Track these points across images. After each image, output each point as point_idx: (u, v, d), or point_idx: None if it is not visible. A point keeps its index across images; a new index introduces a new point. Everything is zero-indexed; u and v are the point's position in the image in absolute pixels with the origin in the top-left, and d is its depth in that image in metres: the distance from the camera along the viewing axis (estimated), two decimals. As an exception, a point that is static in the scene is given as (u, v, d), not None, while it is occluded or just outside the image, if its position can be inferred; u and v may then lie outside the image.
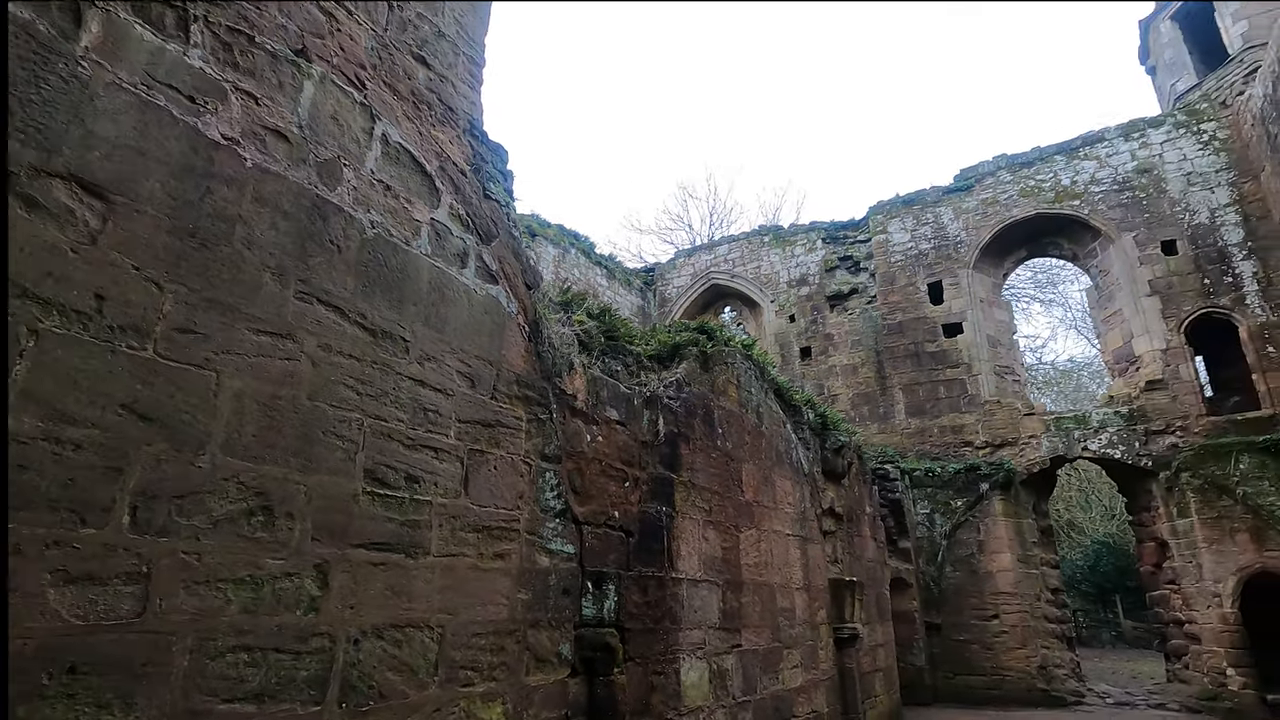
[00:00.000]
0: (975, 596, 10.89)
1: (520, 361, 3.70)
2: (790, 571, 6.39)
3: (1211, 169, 11.45)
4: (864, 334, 13.55)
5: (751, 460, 6.10)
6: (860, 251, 14.13)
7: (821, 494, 7.40)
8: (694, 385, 5.49)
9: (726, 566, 5.33)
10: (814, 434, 7.56)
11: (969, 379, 12.38)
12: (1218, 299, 10.95)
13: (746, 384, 6.31)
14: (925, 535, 11.28)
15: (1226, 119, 11.56)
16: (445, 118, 3.54)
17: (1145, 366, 11.37)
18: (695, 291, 15.72)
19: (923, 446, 12.29)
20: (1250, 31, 11.42)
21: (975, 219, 13.12)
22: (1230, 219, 11.13)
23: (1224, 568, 9.87)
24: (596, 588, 3.96)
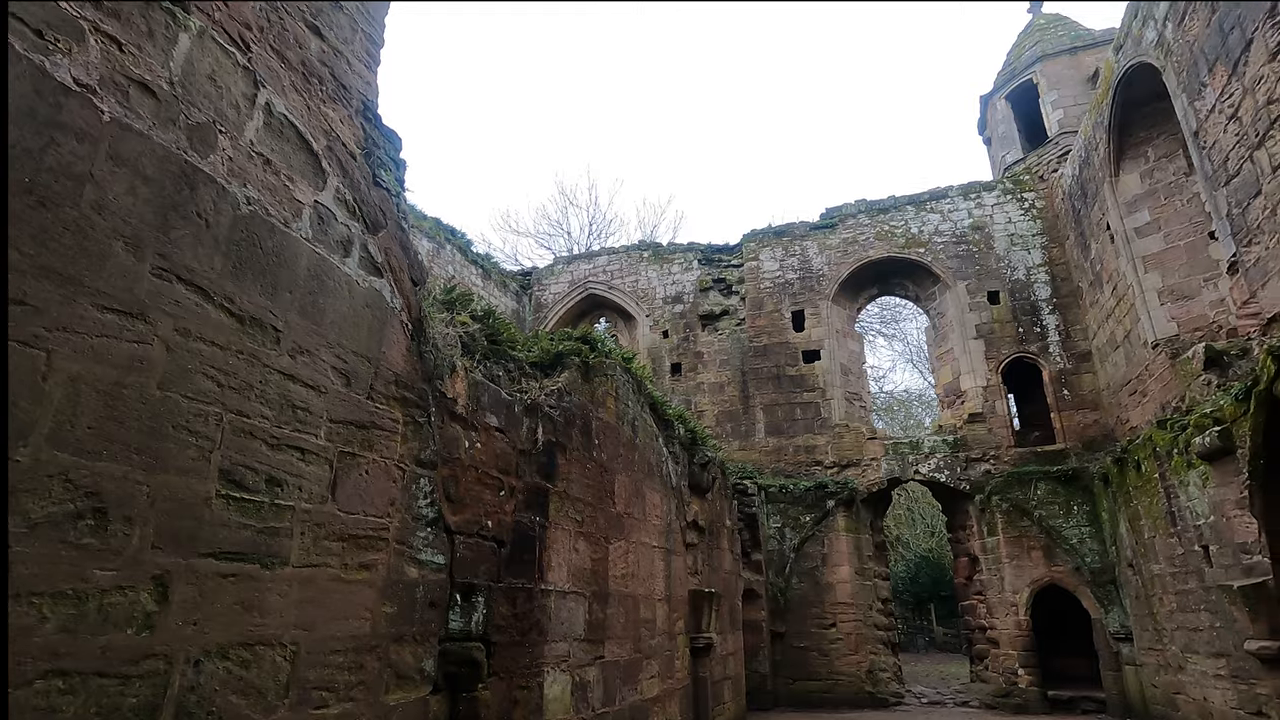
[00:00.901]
0: (817, 606, 11.67)
1: (401, 361, 3.51)
2: (654, 583, 6.51)
3: (1030, 233, 13.17)
4: (732, 354, 14.18)
5: (625, 472, 6.16)
6: (733, 275, 14.80)
7: (687, 507, 7.62)
8: (575, 395, 5.47)
9: (595, 578, 5.34)
10: (683, 449, 7.79)
11: (823, 403, 13.31)
12: (1028, 346, 12.58)
13: (624, 397, 6.39)
14: (776, 548, 11.94)
15: (1043, 191, 13.37)
16: (337, 95, 3.31)
17: (969, 401, 12.80)
18: (572, 299, 15.71)
19: (779, 464, 13.04)
20: (1065, 119, 13.30)
21: (837, 255, 14.19)
22: (1041, 277, 12.85)
23: (1021, 580, 11.28)
24: (465, 600, 3.82)
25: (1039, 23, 15.06)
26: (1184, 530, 8.14)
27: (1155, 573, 9.11)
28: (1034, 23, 15.22)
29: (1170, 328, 9.58)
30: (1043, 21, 15.01)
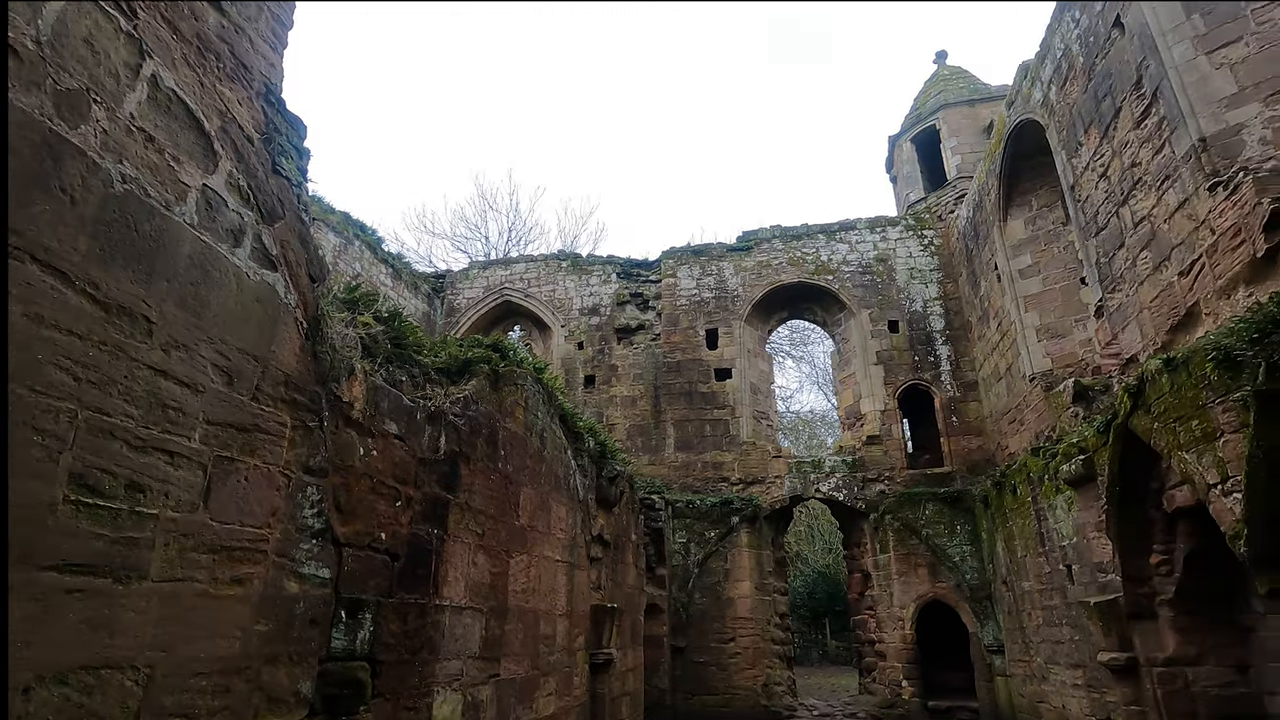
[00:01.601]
0: (718, 621, 11.84)
1: (293, 361, 3.30)
2: (556, 598, 6.41)
3: (928, 268, 14.03)
4: (645, 369, 14.29)
5: (531, 484, 6.05)
6: (650, 291, 14.95)
7: (593, 521, 7.56)
8: (482, 404, 5.33)
9: (494, 593, 5.19)
10: (592, 461, 7.73)
11: (732, 420, 13.61)
12: (922, 374, 13.35)
13: (534, 407, 6.28)
14: (681, 563, 12.05)
15: (941, 230, 14.30)
16: (237, 74, 3.10)
17: (868, 423, 13.43)
18: (487, 305, 15.41)
19: (687, 479, 13.20)
20: (962, 164, 14.31)
21: (751, 277, 14.61)
22: (937, 310, 13.70)
23: (908, 595, 11.88)
24: (351, 616, 3.61)
25: (943, 74, 16.17)
26: (1051, 550, 8.82)
27: (1026, 589, 9.82)
28: (939, 73, 16.33)
29: (1045, 363, 10.41)
30: (946, 73, 16.13)
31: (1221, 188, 5.80)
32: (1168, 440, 5.97)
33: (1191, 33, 6.35)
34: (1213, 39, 6.22)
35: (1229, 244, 5.76)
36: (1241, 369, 4.77)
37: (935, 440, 13.26)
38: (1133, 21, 6.91)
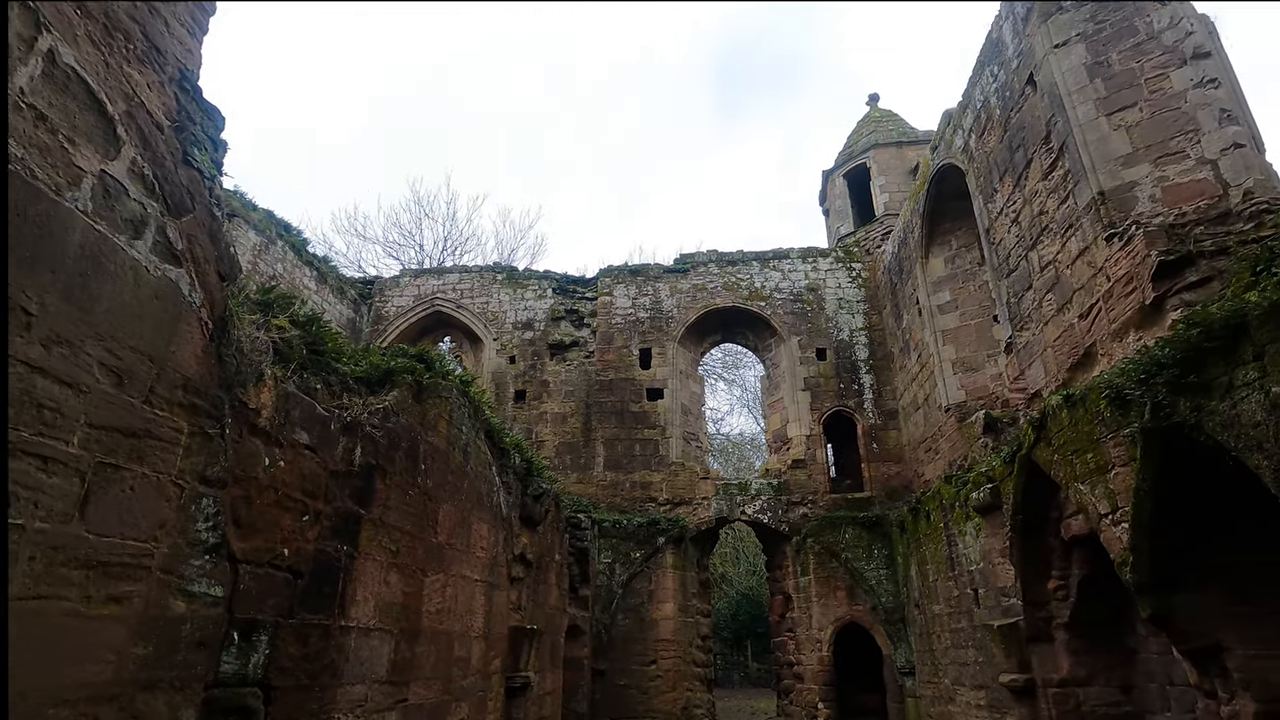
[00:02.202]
0: (640, 643, 11.75)
1: (194, 363, 3.09)
2: (472, 619, 6.21)
3: (855, 299, 14.56)
4: (578, 386, 14.20)
5: (451, 501, 5.87)
6: (586, 308, 14.92)
7: (516, 539, 7.40)
8: (403, 416, 5.15)
9: (405, 613, 4.98)
10: (518, 479, 7.59)
11: (662, 441, 13.66)
12: (846, 401, 13.78)
13: (459, 421, 6.12)
14: (605, 584, 11.92)
15: (869, 263, 14.89)
16: (147, 57, 2.92)
17: (794, 448, 13.73)
18: (417, 314, 15.01)
19: (614, 499, 13.13)
20: (890, 202, 14.98)
21: (686, 300, 14.80)
22: (862, 340, 14.21)
23: (826, 618, 12.12)
24: (245, 638, 3.38)
25: (875, 115, 16.95)
26: (960, 575, 9.19)
27: (936, 612, 10.18)
28: (870, 114, 17.11)
29: (960, 395, 10.93)
30: (878, 115, 16.92)
31: (1117, 239, 6.26)
32: (1066, 472, 6.34)
33: (1094, 95, 6.87)
34: (1112, 102, 6.75)
35: (1123, 291, 6.22)
36: (1131, 407, 5.12)
37: (857, 466, 13.67)
38: (1044, 80, 7.44)
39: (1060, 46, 7.24)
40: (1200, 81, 6.29)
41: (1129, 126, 6.56)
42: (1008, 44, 8.29)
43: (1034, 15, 7.58)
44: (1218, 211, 5.80)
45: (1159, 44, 6.64)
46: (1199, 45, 6.45)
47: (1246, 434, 4.14)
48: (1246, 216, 5.64)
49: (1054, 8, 7.41)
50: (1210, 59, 6.39)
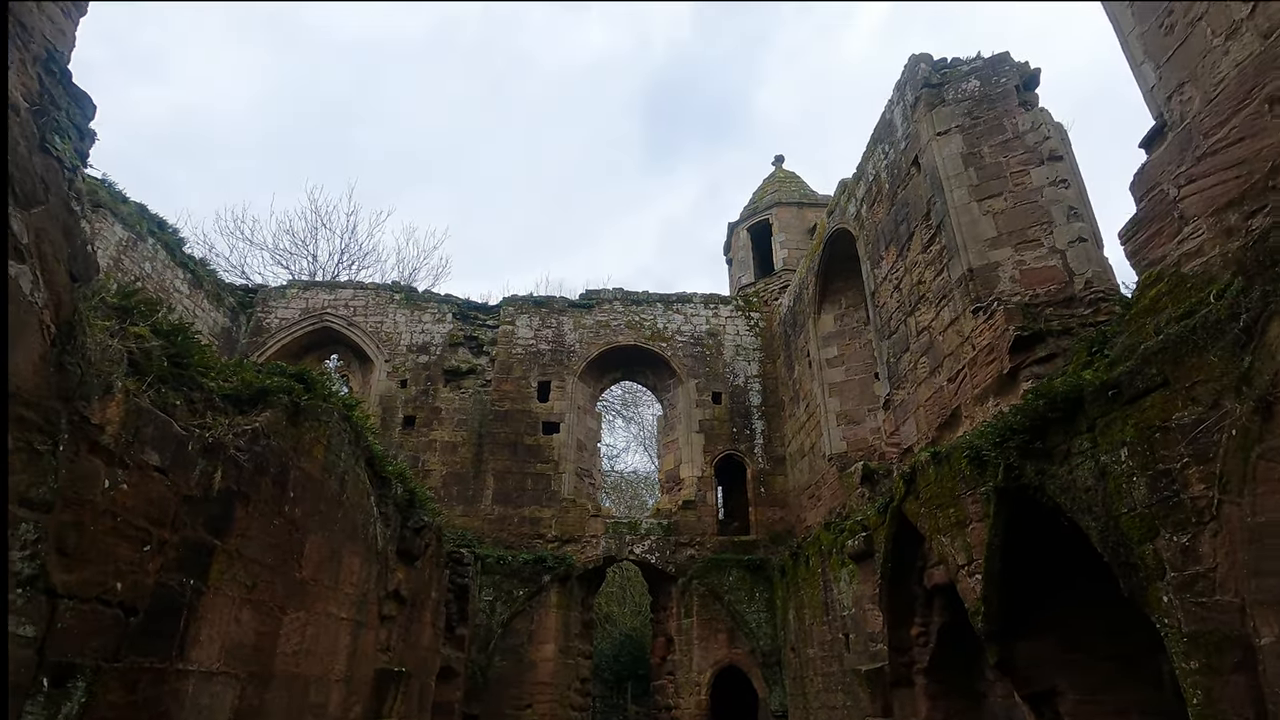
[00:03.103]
0: (516, 687, 11.33)
1: (30, 372, 2.76)
2: (334, 661, 5.78)
3: (752, 347, 15.13)
4: (471, 415, 13.81)
5: (322, 532, 5.50)
6: (487, 335, 14.63)
7: (391, 575, 7.00)
8: (275, 439, 4.81)
9: (257, 655, 4.57)
10: (399, 510, 7.22)
11: (555, 476, 13.47)
12: (738, 445, 14.17)
13: (337, 447, 5.78)
14: (484, 622, 11.47)
15: (766, 314, 15.55)
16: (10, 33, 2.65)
17: (685, 489, 13.91)
18: (303, 329, 14.15)
19: (501, 534, 12.75)
20: (789, 258, 15.79)
21: (590, 335, 14.84)
22: (756, 387, 14.73)
23: (706, 660, 12.19)
24: (57, 685, 2.98)
25: (779, 175, 17.94)
26: (834, 619, 9.54)
27: (810, 656, 10.49)
28: (775, 174, 18.09)
29: (842, 445, 11.50)
30: (782, 175, 17.91)
31: (982, 312, 6.89)
32: (930, 524, 6.77)
33: (968, 182, 7.61)
34: (983, 190, 7.50)
35: (985, 359, 6.82)
36: (987, 467, 5.57)
37: (745, 509, 14.02)
38: (927, 163, 8.16)
39: (942, 135, 7.98)
40: (1054, 181, 7.11)
41: (995, 213, 7.29)
42: (898, 126, 9.05)
43: (921, 104, 8.34)
44: (1065, 296, 6.51)
45: (1022, 143, 7.47)
46: (1054, 149, 7.31)
47: (1080, 498, 4.59)
48: (1087, 302, 6.37)
49: (937, 99, 8.18)
50: (1063, 161, 7.25)
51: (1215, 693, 3.58)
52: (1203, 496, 3.73)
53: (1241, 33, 4.17)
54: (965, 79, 8.11)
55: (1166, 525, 3.93)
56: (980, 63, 8.18)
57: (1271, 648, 3.35)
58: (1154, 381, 4.07)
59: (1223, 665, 3.57)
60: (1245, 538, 3.48)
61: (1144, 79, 4.92)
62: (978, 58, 8.25)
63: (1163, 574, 3.95)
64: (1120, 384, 4.31)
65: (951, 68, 8.34)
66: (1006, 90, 7.85)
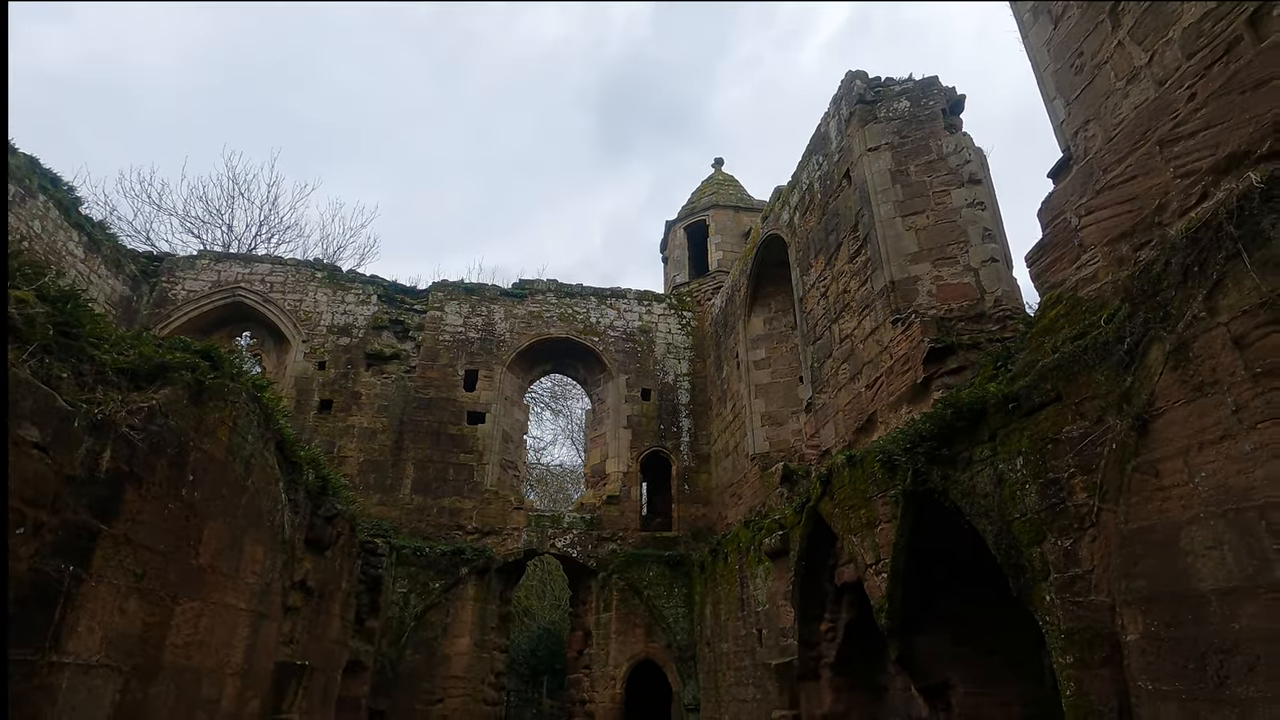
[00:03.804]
0: (428, 680, 11.09)
1: (-119, 331, 2.49)
2: (231, 653, 5.50)
3: (683, 345, 15.29)
4: (393, 401, 13.39)
5: (223, 518, 5.21)
6: (413, 320, 14.21)
7: (298, 565, 6.72)
8: (174, 418, 4.53)
9: (144, 646, 4.29)
10: (309, 497, 6.93)
11: (478, 467, 13.23)
12: (665, 442, 14.31)
13: (244, 429, 5.49)
14: (397, 615, 11.16)
15: (699, 313, 15.75)
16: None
17: (611, 483, 13.94)
18: (214, 303, 13.32)
19: (419, 524, 12.43)
20: (723, 259, 16.04)
21: (520, 325, 14.64)
22: (685, 385, 14.90)
23: (623, 654, 12.27)
24: (-96, 679, 2.71)
25: (718, 178, 18.19)
26: (749, 615, 9.78)
27: (724, 651, 10.72)
28: (714, 176, 18.33)
29: (765, 445, 11.79)
30: (720, 178, 18.17)
31: (900, 323, 7.19)
32: (843, 524, 7.04)
33: (894, 198, 7.93)
34: (907, 206, 7.83)
35: (901, 368, 7.13)
36: (897, 471, 5.83)
37: (668, 506, 14.17)
38: (857, 177, 8.45)
39: (873, 150, 8.28)
40: (972, 202, 7.50)
41: (918, 229, 7.62)
42: (832, 139, 9.34)
43: (855, 120, 8.63)
44: (976, 312, 6.88)
45: (945, 165, 7.84)
46: (974, 173, 7.70)
47: (979, 502, 4.87)
48: (996, 319, 6.75)
49: (870, 116, 8.48)
50: (981, 185, 7.66)
51: (1086, 685, 3.88)
52: (1085, 504, 4.02)
53: (1140, 78, 4.50)
54: (897, 99, 8.44)
55: (1053, 530, 4.22)
56: (911, 84, 8.53)
57: (1135, 644, 3.65)
58: (1048, 396, 4.36)
59: (1093, 660, 3.87)
60: (1119, 542, 3.78)
61: (1055, 114, 5.25)
62: (909, 79, 8.60)
63: (1047, 575, 4.24)
64: (1019, 397, 4.59)
65: (885, 86, 8.65)
66: (934, 113, 8.22)
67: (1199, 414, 3.39)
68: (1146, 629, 3.59)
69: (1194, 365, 3.43)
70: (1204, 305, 3.40)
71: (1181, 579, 3.41)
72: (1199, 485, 3.36)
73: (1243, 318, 3.21)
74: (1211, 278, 3.39)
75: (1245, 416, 3.16)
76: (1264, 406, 3.09)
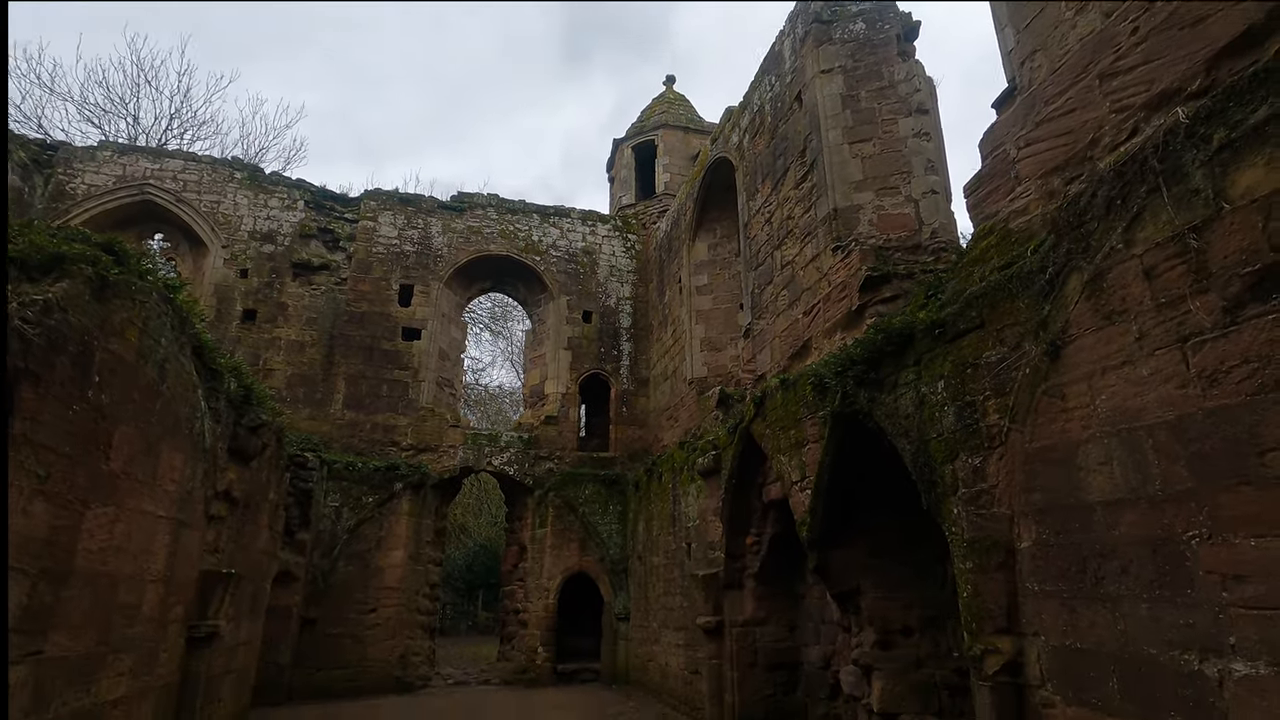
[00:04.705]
0: (361, 591, 11.19)
1: None
2: (151, 560, 5.37)
3: (626, 269, 15.15)
4: (323, 314, 12.88)
5: (135, 423, 4.97)
6: (344, 230, 13.53)
7: (221, 474, 6.53)
8: (74, 314, 4.21)
9: (52, 550, 4.13)
10: (232, 407, 6.68)
11: (414, 384, 13.01)
12: (604, 365, 14.36)
13: (156, 331, 5.18)
14: (329, 528, 11.11)
15: (643, 236, 15.56)
16: None
17: (549, 404, 13.98)
18: (119, 200, 12.24)
19: (352, 440, 12.24)
20: (671, 182, 15.76)
21: (459, 240, 14.15)
22: (627, 309, 14.86)
23: (557, 567, 12.66)
24: None
25: (669, 96, 17.63)
26: (679, 530, 10.18)
27: (655, 564, 11.18)
28: (665, 95, 17.75)
29: (703, 371, 11.98)
30: (671, 97, 17.61)
31: (841, 250, 7.28)
32: (773, 444, 7.29)
33: (844, 124, 7.86)
34: (856, 133, 7.79)
35: (838, 296, 7.26)
36: (827, 393, 6.02)
37: (606, 427, 14.37)
38: (809, 100, 8.31)
39: (825, 73, 8.13)
40: (919, 133, 7.52)
41: (864, 158, 7.62)
42: (786, 59, 9.11)
43: (810, 39, 8.41)
44: (913, 243, 7.02)
45: (896, 93, 7.79)
46: (922, 102, 7.69)
47: (900, 423, 5.10)
48: (931, 250, 6.91)
49: (825, 37, 8.28)
50: (928, 115, 7.66)
51: (981, 587, 4.21)
52: (996, 425, 4.26)
53: (1088, 10, 4.50)
54: (853, 20, 8.25)
55: (965, 449, 4.47)
56: (868, 6, 8.33)
57: (1028, 550, 3.97)
58: (973, 323, 4.53)
59: (989, 565, 4.19)
60: (1022, 460, 4.04)
61: (1005, 42, 5.23)
62: (866, 0, 8.39)
63: (956, 490, 4.52)
64: (945, 324, 4.75)
65: (842, 6, 8.43)
66: (888, 38, 8.08)
67: (1106, 341, 3.58)
68: (1039, 537, 3.89)
69: (1107, 295, 3.60)
70: (1122, 237, 3.54)
71: (1074, 492, 3.69)
72: (1099, 407, 3.59)
73: (1155, 250, 3.36)
74: (1132, 211, 3.51)
75: (1146, 344, 3.36)
76: (1163, 335, 3.28)
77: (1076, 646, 3.59)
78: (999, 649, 4.06)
